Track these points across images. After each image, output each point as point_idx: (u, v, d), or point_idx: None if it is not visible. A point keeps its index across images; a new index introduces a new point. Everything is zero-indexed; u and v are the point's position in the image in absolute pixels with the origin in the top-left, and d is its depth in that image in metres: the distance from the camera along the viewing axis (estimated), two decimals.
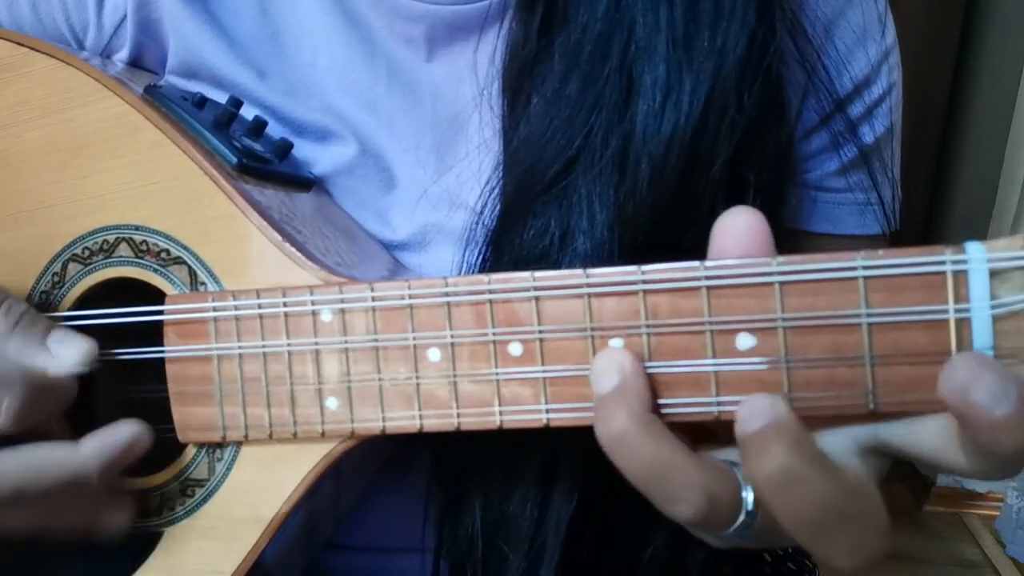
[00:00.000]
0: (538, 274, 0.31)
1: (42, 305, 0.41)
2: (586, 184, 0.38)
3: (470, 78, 0.44)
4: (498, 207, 0.41)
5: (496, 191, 0.42)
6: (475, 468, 0.41)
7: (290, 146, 0.43)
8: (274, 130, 0.45)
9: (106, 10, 0.47)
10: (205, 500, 0.38)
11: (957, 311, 0.27)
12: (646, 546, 0.42)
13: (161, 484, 0.39)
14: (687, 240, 0.38)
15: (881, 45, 0.46)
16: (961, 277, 0.27)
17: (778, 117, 0.40)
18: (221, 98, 0.43)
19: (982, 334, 0.27)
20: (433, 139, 0.46)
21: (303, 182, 0.44)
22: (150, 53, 0.48)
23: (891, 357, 0.28)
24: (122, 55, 0.48)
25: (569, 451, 0.40)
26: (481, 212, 0.42)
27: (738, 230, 0.29)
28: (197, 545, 0.38)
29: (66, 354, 0.36)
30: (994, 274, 0.27)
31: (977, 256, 0.27)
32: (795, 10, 0.41)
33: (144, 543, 0.38)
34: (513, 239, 0.40)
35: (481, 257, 0.42)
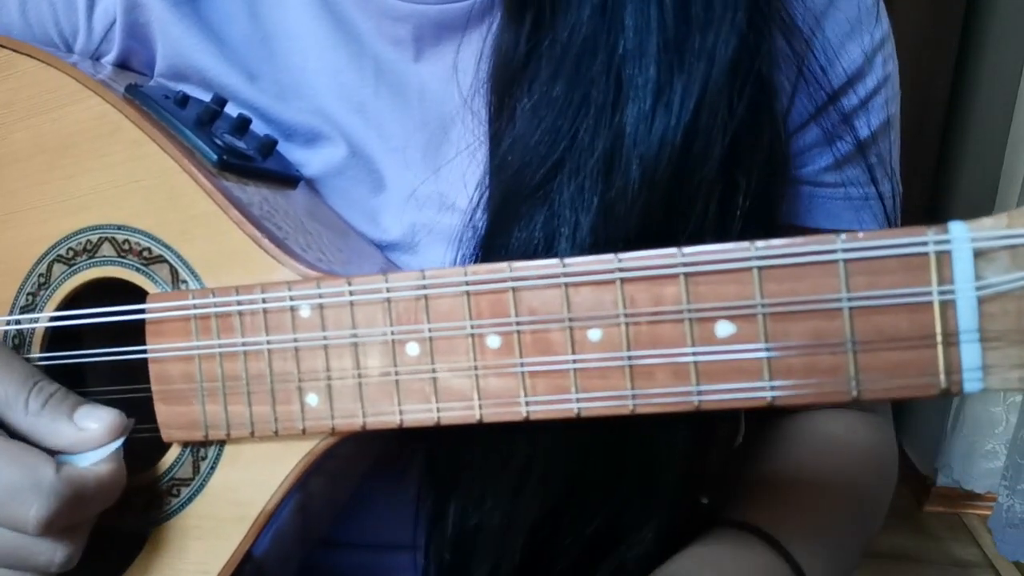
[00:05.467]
0: (515, 264, 0.31)
1: (28, 307, 0.41)
2: (573, 186, 0.38)
3: (458, 77, 0.44)
4: (486, 211, 0.41)
5: (484, 195, 0.41)
6: (459, 467, 0.41)
7: (274, 143, 0.43)
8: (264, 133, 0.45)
9: (96, 14, 0.47)
10: (190, 499, 0.38)
11: (941, 293, 0.26)
12: (621, 552, 0.41)
13: (147, 484, 0.38)
14: (679, 242, 0.38)
15: (875, 35, 0.45)
16: (944, 258, 0.26)
17: (768, 118, 0.40)
18: (206, 97, 0.43)
19: (967, 316, 0.26)
20: (421, 139, 0.45)
21: (288, 179, 0.43)
22: (138, 56, 0.48)
23: (874, 342, 0.27)
24: (109, 58, 0.48)
25: (545, 453, 0.39)
26: (472, 216, 0.42)
27: None
28: (183, 545, 0.38)
29: (91, 429, 0.34)
30: (979, 254, 0.26)
31: (961, 236, 0.26)
32: (784, 4, 0.41)
33: (130, 544, 0.38)
34: (502, 242, 0.40)
35: (472, 260, 0.41)
